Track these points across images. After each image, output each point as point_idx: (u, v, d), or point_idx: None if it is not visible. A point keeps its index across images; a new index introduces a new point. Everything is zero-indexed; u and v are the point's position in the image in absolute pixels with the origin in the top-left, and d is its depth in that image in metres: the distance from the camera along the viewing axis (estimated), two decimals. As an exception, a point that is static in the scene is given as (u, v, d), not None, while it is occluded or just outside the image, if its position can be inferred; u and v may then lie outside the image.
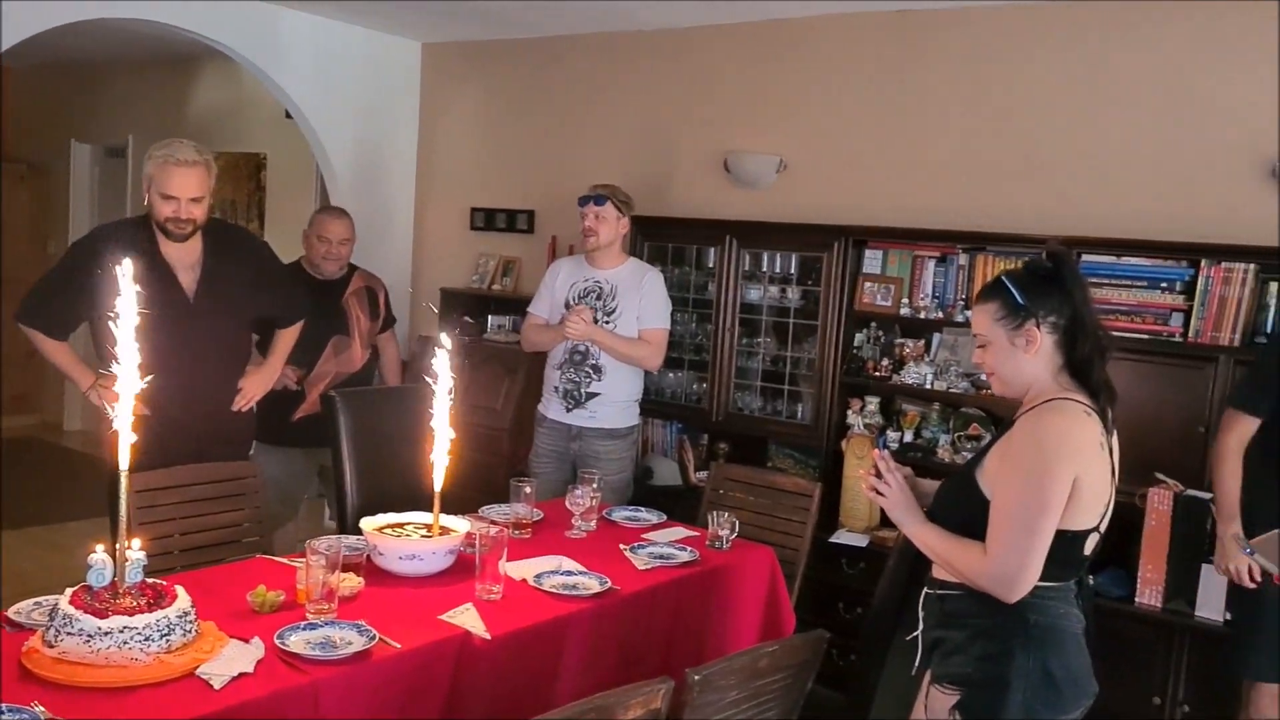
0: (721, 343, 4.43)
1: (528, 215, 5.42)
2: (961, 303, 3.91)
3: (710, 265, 4.52)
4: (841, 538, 3.93)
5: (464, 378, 4.60)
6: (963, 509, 2.15)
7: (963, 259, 3.93)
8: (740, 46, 4.68)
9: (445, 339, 2.77)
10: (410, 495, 3.01)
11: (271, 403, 3.72)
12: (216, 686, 1.89)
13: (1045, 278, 2.13)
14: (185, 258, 3.31)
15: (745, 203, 4.61)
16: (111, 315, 1.94)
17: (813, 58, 4.49)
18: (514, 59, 5.44)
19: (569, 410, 3.92)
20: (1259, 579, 2.85)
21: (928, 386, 3.94)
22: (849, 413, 4.13)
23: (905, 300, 4.03)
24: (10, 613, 2.13)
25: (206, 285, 3.32)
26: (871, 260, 4.14)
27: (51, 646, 1.88)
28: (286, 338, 3.71)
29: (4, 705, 1.71)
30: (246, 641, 2.07)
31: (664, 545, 3.06)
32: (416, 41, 5.73)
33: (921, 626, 2.24)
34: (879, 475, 2.24)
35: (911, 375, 3.97)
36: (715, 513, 3.15)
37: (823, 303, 4.17)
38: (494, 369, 5.01)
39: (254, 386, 3.53)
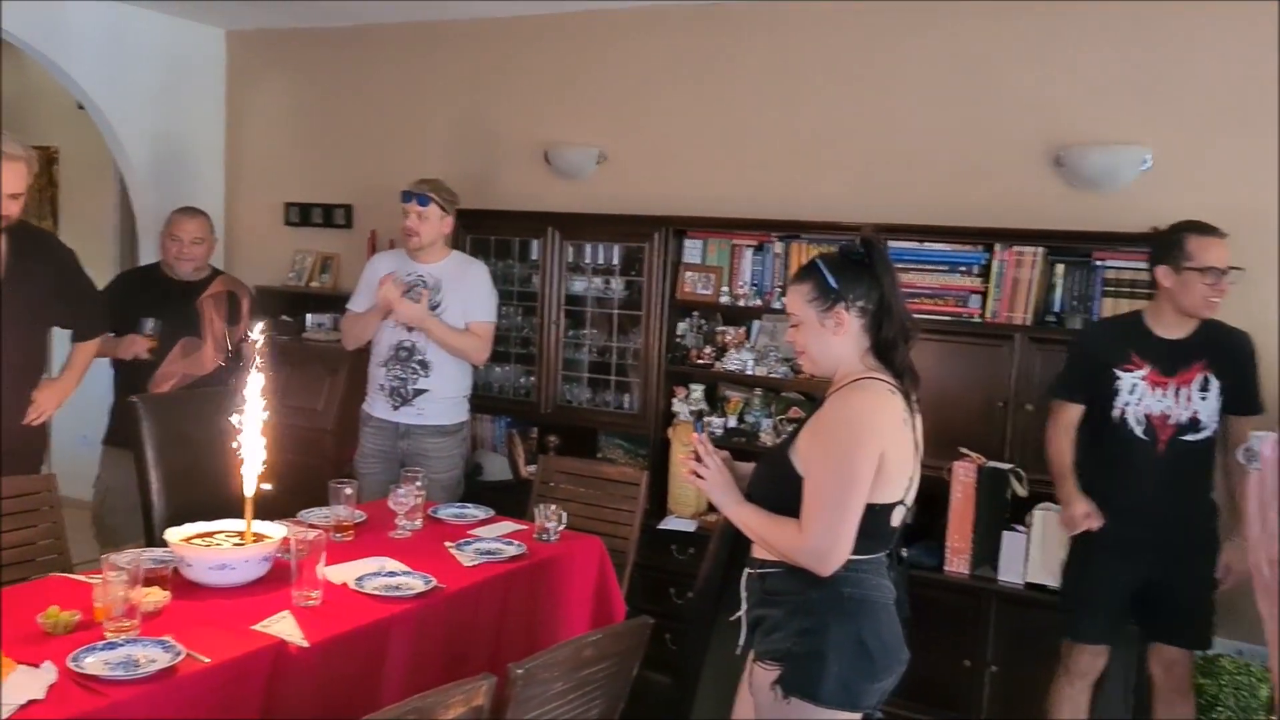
0: (548, 335, 4.42)
1: (345, 210, 5.26)
2: (779, 290, 4.02)
3: (534, 257, 4.50)
4: (670, 524, 3.99)
5: (281, 378, 4.43)
6: (778, 487, 2.20)
7: (778, 247, 4.05)
8: (555, 38, 4.67)
9: (254, 334, 2.66)
10: (223, 503, 2.87)
11: (126, 399, 3.52)
12: (3, 717, 1.75)
13: (857, 263, 2.21)
14: None
15: (567, 194, 4.62)
16: None
17: (627, 50, 4.53)
18: (326, 48, 5.27)
19: (396, 408, 3.83)
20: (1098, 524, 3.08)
21: (749, 372, 4.04)
22: (674, 401, 4.20)
23: (725, 288, 4.11)
24: None
25: (5, 288, 3.09)
26: (691, 250, 4.21)
27: None
28: (85, 351, 3.50)
29: None
30: (36, 666, 1.93)
31: (491, 540, 3.03)
32: (220, 29, 5.47)
33: (744, 606, 2.29)
34: (698, 459, 2.28)
35: (733, 362, 4.06)
36: (542, 505, 3.14)
37: (646, 293, 4.21)
38: (314, 369, 4.85)
39: (48, 400, 3.31)
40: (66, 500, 3.07)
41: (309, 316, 5.13)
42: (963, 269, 3.69)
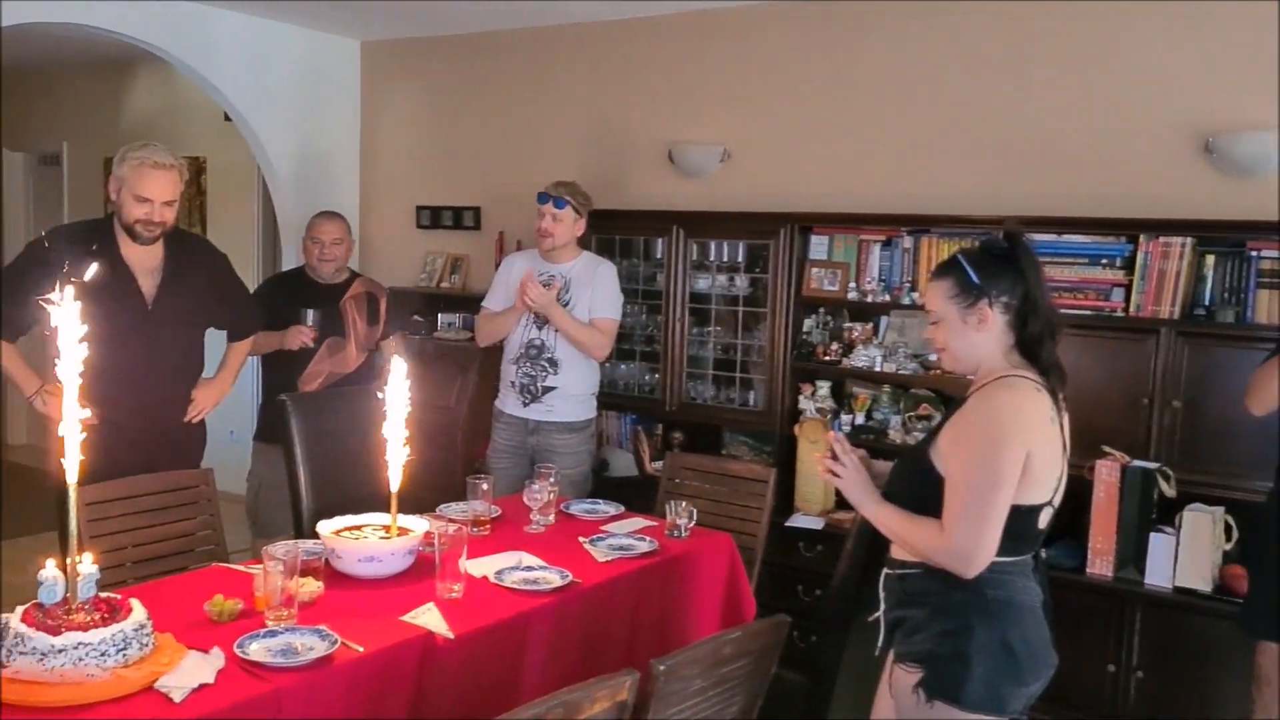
0: (672, 333, 4.44)
1: (474, 212, 5.39)
2: (908, 285, 3.96)
3: (659, 256, 4.53)
4: (798, 521, 3.97)
5: (414, 375, 4.55)
6: (917, 487, 2.17)
7: (907, 242, 3.98)
8: (678, 37, 4.69)
9: (394, 336, 2.76)
10: (366, 496, 2.98)
11: (274, 397, 3.70)
12: (177, 699, 1.86)
13: (1000, 258, 2.17)
14: (147, 262, 3.26)
15: (691, 193, 4.63)
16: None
17: (751, 47, 4.51)
18: (454, 55, 5.40)
19: (526, 405, 3.91)
20: None
21: (877, 369, 3.98)
22: (800, 398, 4.17)
23: (852, 284, 4.07)
24: (-41, 635, 2.08)
25: (165, 291, 3.27)
26: (817, 246, 4.17)
27: (3, 667, 1.84)
28: (239, 351, 3.67)
29: (-43, 729, 1.68)
30: (205, 652, 2.05)
31: (623, 536, 3.06)
32: (355, 40, 5.67)
33: (882, 607, 2.27)
34: (834, 458, 2.27)
35: (861, 358, 4.01)
36: (673, 502, 3.16)
37: (771, 289, 4.19)
38: (446, 367, 4.98)
39: (206, 398, 3.48)
40: (220, 494, 3.23)
41: (440, 316, 5.27)
42: (1104, 261, 3.56)
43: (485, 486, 3.13)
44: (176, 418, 3.39)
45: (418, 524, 2.77)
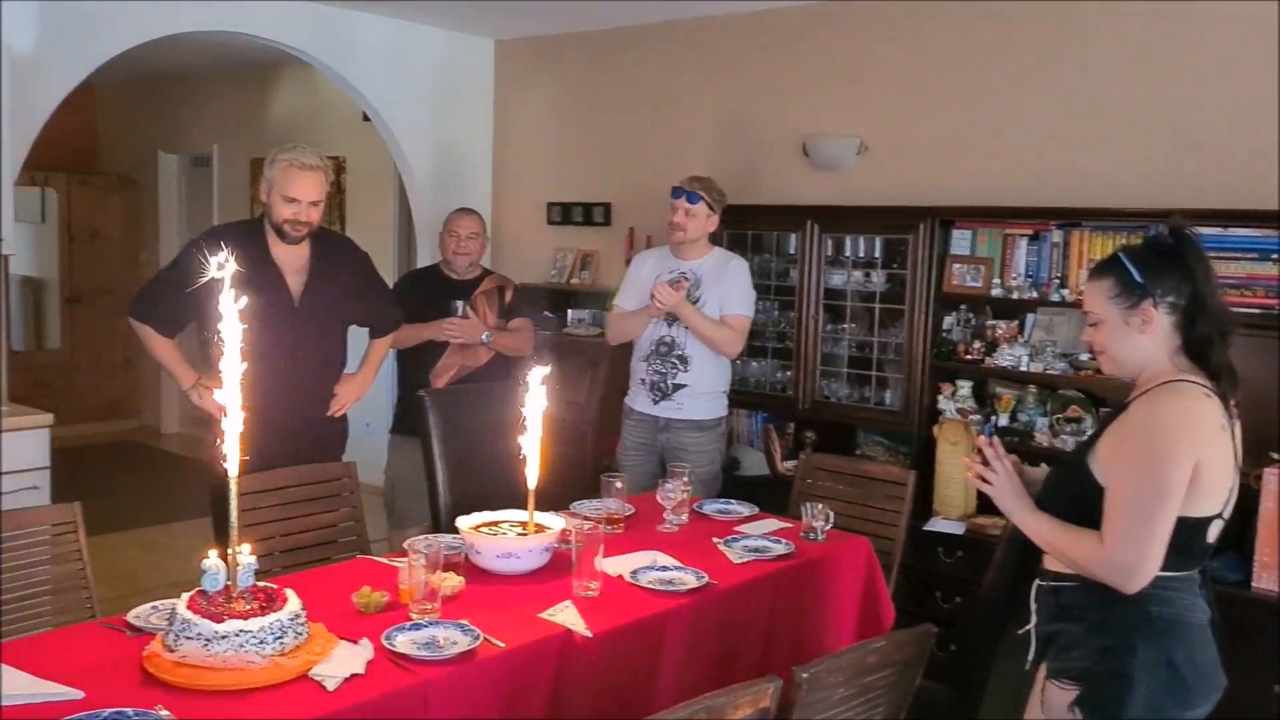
0: (806, 330, 4.37)
1: (604, 208, 5.41)
2: (1057, 281, 3.80)
3: (791, 251, 4.46)
4: (937, 525, 3.85)
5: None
6: (1075, 496, 2.08)
7: (1056, 236, 3.82)
8: (814, 29, 4.60)
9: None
10: (500, 492, 3.02)
11: (410, 391, 3.83)
12: (330, 688, 1.91)
13: (1165, 255, 2.05)
14: (294, 261, 3.37)
15: (826, 186, 4.54)
16: (218, 323, 1.97)
17: (889, 36, 4.40)
18: (586, 51, 5.43)
19: (656, 402, 3.90)
20: None
21: (1023, 368, 3.84)
22: (940, 397, 4.05)
23: (996, 280, 3.93)
24: (129, 616, 2.19)
25: (311, 289, 3.37)
26: (960, 240, 4.04)
27: (171, 650, 1.92)
28: (380, 348, 3.75)
29: (130, 709, 1.75)
30: (355, 643, 2.09)
31: (758, 538, 3.02)
32: (489, 39, 5.75)
33: (1034, 620, 2.18)
34: (985, 463, 2.18)
35: (1005, 357, 3.87)
36: (809, 504, 3.10)
37: (909, 286, 4.08)
38: (577, 363, 5.01)
39: (348, 393, 3.56)
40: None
41: (570, 312, 5.32)
42: (1275, 256, 3.34)
43: (619, 485, 3.13)
44: (321, 412, 3.48)
45: (554, 521, 2.78)
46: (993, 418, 3.92)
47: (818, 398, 4.38)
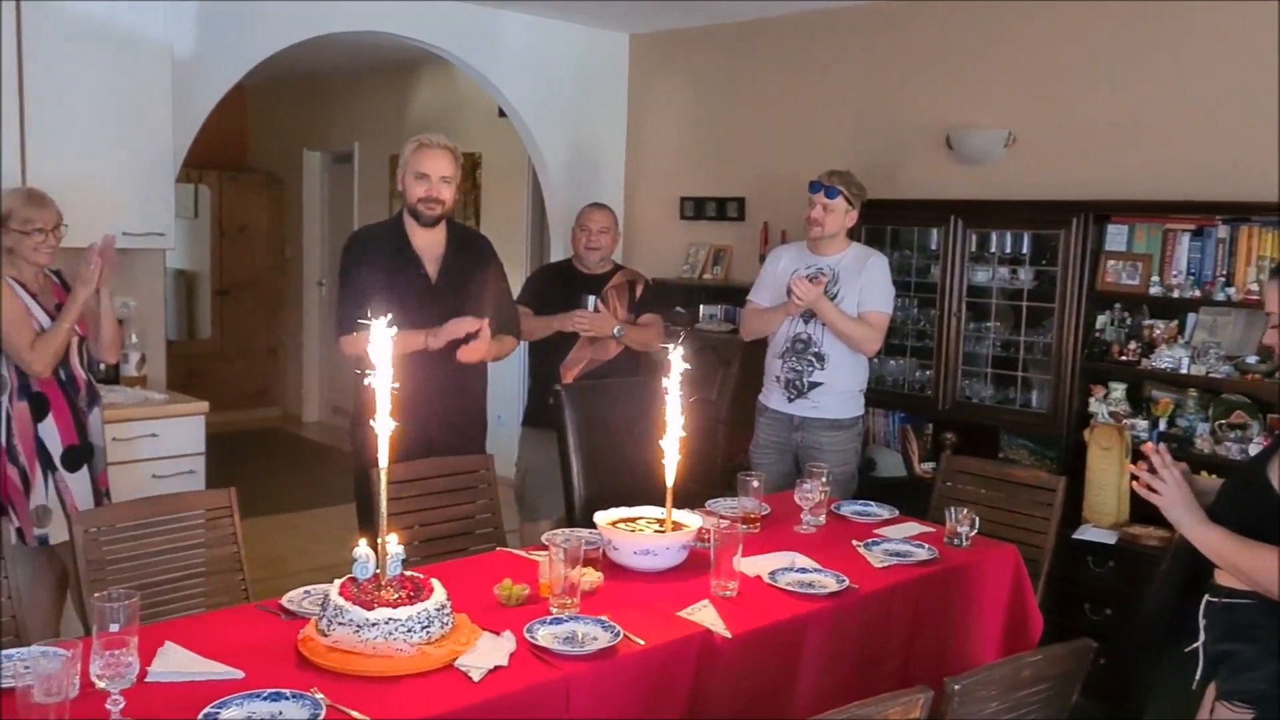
0: (947, 328, 4.24)
1: (738, 203, 5.36)
2: (1222, 279, 3.59)
3: (933, 247, 4.33)
4: (1086, 534, 3.68)
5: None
6: (1252, 509, 1.96)
7: (1222, 231, 3.60)
8: (959, 16, 4.45)
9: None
10: (634, 487, 3.01)
11: (541, 383, 3.89)
12: (475, 679, 1.93)
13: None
14: (431, 249, 3.43)
15: (970, 180, 4.39)
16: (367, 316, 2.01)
17: (1039, 22, 4.22)
18: (721, 44, 5.39)
19: (791, 400, 3.84)
20: None
21: (1183, 371, 3.63)
22: (1091, 400, 3.87)
23: (1155, 278, 3.73)
24: (284, 600, 2.26)
25: (447, 275, 3.43)
26: (1115, 236, 3.85)
27: (325, 635, 1.97)
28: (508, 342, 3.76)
29: (287, 690, 1.80)
30: (497, 634, 2.11)
31: (899, 542, 2.94)
32: (624, 33, 5.77)
33: (1203, 637, 2.05)
34: (1151, 470, 2.06)
35: (1164, 359, 3.67)
36: (954, 508, 3.00)
37: (1060, 283, 3.91)
38: (708, 359, 4.98)
39: (478, 348, 3.39)
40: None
41: (702, 307, 5.28)
42: None
43: (756, 484, 3.08)
44: (462, 400, 3.51)
45: (690, 519, 2.76)
46: (1159, 423, 3.72)
47: (959, 398, 4.24)
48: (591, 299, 4.10)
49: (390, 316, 2.02)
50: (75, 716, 1.65)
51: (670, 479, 2.70)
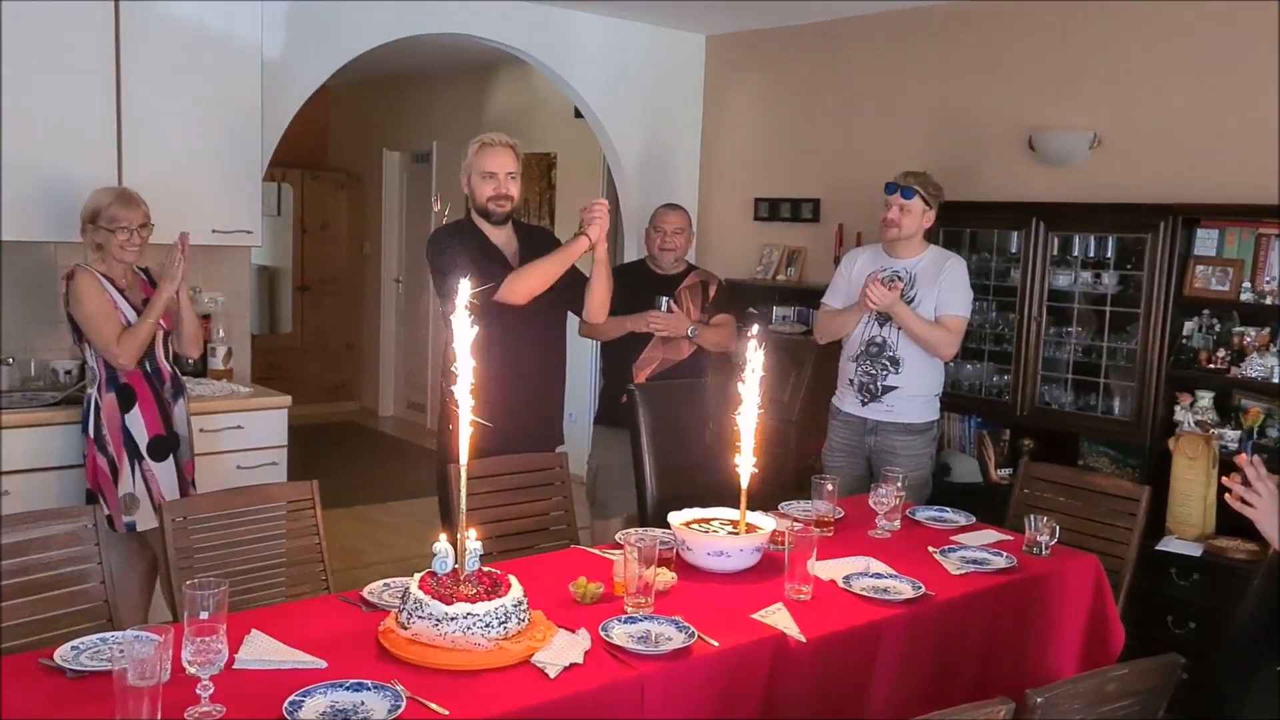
0: (1026, 332, 4.16)
1: (813, 204, 5.32)
2: (1319, 286, 3.47)
3: (1013, 250, 4.25)
4: (1170, 545, 3.60)
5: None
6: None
7: (1319, 236, 3.48)
8: (1044, 13, 4.36)
9: (756, 330, 2.75)
10: (706, 488, 3.01)
11: (612, 383, 3.91)
12: (551, 675, 1.95)
13: None
14: (507, 245, 3.48)
15: (1052, 182, 4.31)
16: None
17: (1128, 20, 4.12)
18: (798, 45, 5.35)
19: (865, 404, 3.80)
20: None
21: (1275, 380, 3.52)
22: (1176, 408, 3.77)
23: (1246, 284, 3.62)
24: (364, 592, 2.30)
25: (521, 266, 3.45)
26: (1204, 240, 3.74)
27: (405, 628, 2.01)
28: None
29: (369, 681, 1.84)
30: (573, 632, 2.13)
31: (976, 549, 2.90)
32: (700, 35, 5.76)
33: (1298, 656, 1.98)
34: (1245, 483, 2.01)
35: (1255, 368, 3.56)
36: (1033, 516, 2.95)
37: (1145, 288, 3.82)
38: (781, 361, 4.94)
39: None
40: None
41: (775, 309, 5.26)
42: None
43: (830, 487, 3.06)
44: (539, 397, 3.53)
45: (764, 521, 2.75)
46: (1252, 433, 3.60)
47: (1038, 404, 4.16)
48: (665, 300, 4.11)
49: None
50: (167, 700, 1.70)
51: (745, 480, 2.70)
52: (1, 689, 1.83)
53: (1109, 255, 3.99)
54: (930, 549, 2.89)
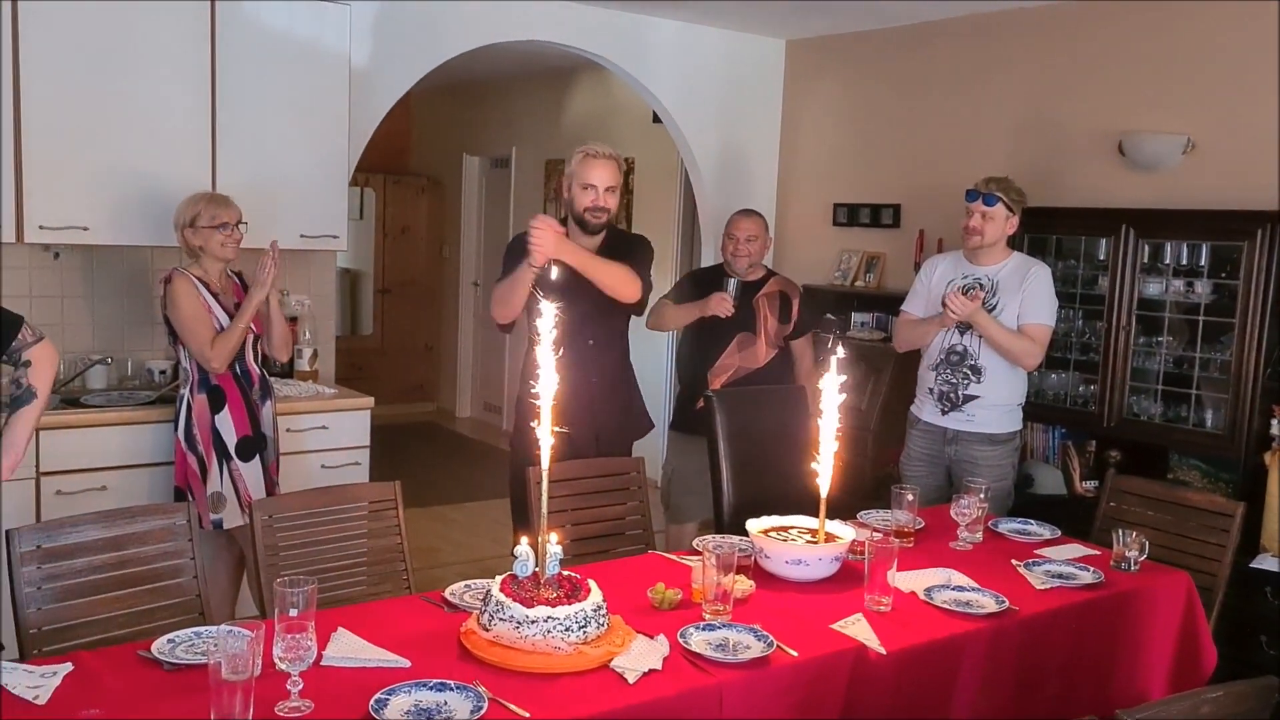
0: (1115, 341, 4.06)
1: (893, 209, 5.26)
2: None
3: (1100, 257, 4.15)
4: (1264, 563, 3.48)
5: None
6: None
7: None
8: (1137, 15, 4.26)
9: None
10: (783, 495, 2.99)
11: (688, 389, 3.93)
12: (630, 681, 1.95)
13: None
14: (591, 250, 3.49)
15: (1143, 187, 4.20)
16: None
17: (1226, 20, 3.99)
18: (879, 49, 5.30)
19: (945, 413, 3.75)
20: None
21: (1380, 394, 3.39)
22: (1273, 421, 3.64)
23: (1351, 294, 3.49)
24: (446, 593, 2.34)
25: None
26: (1305, 248, 3.62)
27: (486, 630, 2.03)
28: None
29: (451, 681, 1.87)
30: (651, 638, 2.13)
31: (1062, 563, 2.83)
32: (780, 39, 5.74)
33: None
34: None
35: (1358, 381, 3.43)
36: (1121, 530, 2.87)
37: (1241, 297, 3.71)
38: (858, 368, 4.90)
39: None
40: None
41: (853, 315, 5.21)
42: None
43: (910, 497, 3.02)
44: (612, 398, 3.54)
45: (843, 530, 2.73)
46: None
47: (1125, 415, 4.06)
48: (733, 282, 4.11)
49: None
50: (258, 695, 1.75)
51: (825, 488, 2.68)
52: (103, 679, 1.90)
53: (1202, 263, 3.88)
54: (1014, 562, 2.83)
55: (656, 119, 5.82)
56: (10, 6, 3.47)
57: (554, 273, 2.98)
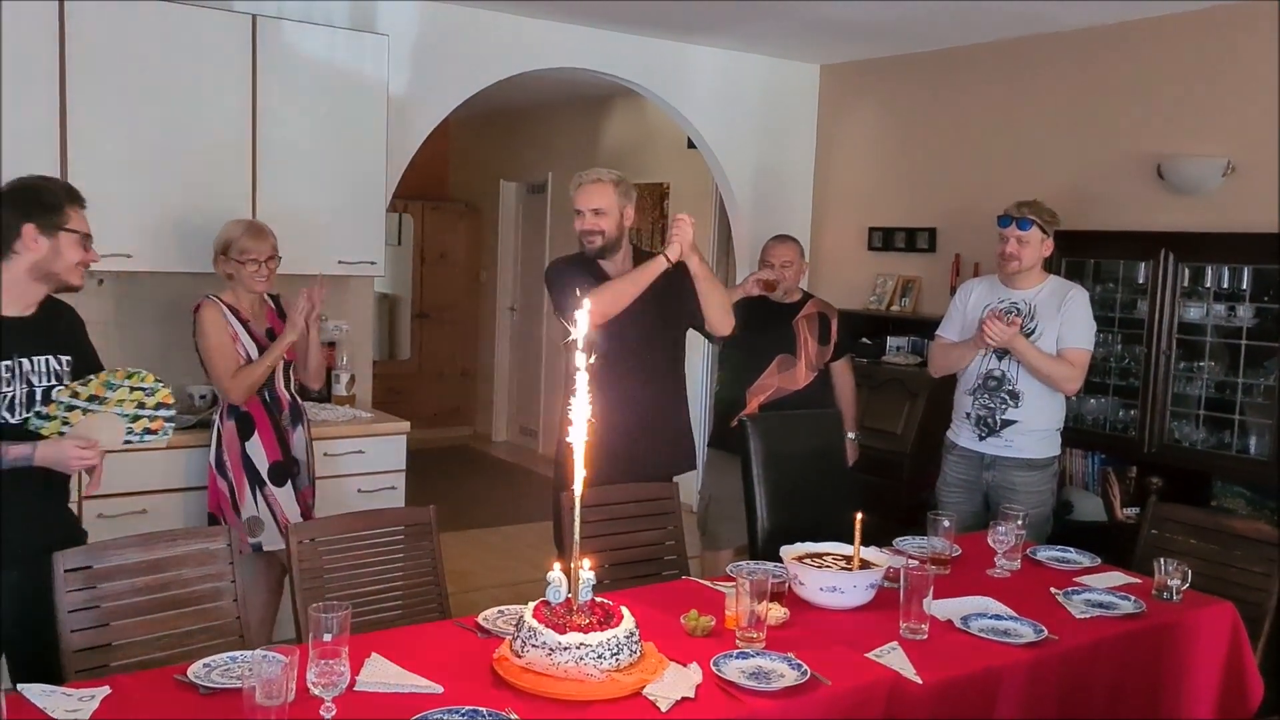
0: (1155, 366, 4.01)
1: (929, 233, 5.24)
2: None
3: (1140, 281, 4.11)
4: (1313, 594, 3.39)
5: (861, 400, 4.52)
6: None
7: None
8: (1175, 38, 4.23)
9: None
10: (818, 521, 2.97)
11: (727, 407, 3.95)
12: (663, 709, 1.94)
13: None
14: (618, 274, 3.50)
15: (1182, 211, 4.16)
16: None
17: (1259, 42, 3.96)
18: (914, 73, 5.30)
19: (982, 438, 3.71)
20: None
21: None
22: (1319, 448, 3.58)
23: (1397, 318, 3.42)
24: (479, 619, 2.34)
25: (640, 298, 3.44)
26: (1349, 272, 3.56)
27: (519, 656, 2.03)
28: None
29: (484, 709, 1.87)
30: (684, 665, 2.13)
31: (1102, 592, 2.79)
32: (814, 64, 5.75)
33: None
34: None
35: (1407, 407, 3.36)
36: (1164, 559, 2.82)
37: (1284, 322, 3.65)
38: (894, 392, 4.88)
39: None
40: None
41: (889, 339, 5.18)
42: None
43: (947, 524, 2.99)
44: (663, 420, 3.53)
45: (878, 557, 2.71)
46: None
47: (1166, 440, 4.00)
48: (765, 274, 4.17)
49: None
50: (292, 719, 1.76)
51: (859, 515, 2.66)
52: (140, 703, 1.92)
53: (1244, 287, 3.83)
54: (1052, 590, 2.79)
55: (691, 144, 5.84)
56: (59, 38, 3.56)
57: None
